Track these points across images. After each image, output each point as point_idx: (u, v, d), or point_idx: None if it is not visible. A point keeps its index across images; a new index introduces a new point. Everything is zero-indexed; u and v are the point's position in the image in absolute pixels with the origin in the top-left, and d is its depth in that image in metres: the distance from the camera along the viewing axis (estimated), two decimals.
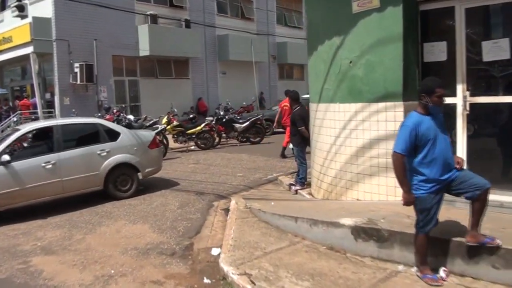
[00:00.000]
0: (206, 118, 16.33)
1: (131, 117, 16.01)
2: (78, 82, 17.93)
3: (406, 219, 4.81)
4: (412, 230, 4.30)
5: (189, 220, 7.04)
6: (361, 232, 4.94)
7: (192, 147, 15.10)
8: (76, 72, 17.88)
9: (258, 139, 16.33)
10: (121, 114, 15.29)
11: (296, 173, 8.62)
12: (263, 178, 9.97)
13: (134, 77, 20.81)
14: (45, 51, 17.77)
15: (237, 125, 15.88)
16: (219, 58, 24.68)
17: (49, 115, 17.92)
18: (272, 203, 7.13)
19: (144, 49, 19.90)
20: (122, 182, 8.63)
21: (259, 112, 19.18)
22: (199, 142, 15.07)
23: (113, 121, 15.11)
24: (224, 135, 16.17)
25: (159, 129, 13.21)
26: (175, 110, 17.26)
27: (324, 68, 6.94)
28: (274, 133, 18.86)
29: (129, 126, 13.87)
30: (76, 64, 17.89)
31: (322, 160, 7.19)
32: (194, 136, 14.94)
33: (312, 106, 7.69)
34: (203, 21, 22.99)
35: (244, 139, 16.24)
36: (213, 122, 15.58)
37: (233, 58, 24.40)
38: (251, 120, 16.11)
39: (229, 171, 10.92)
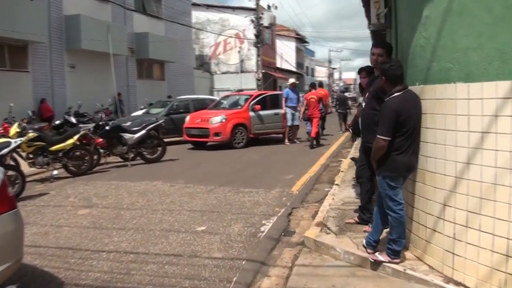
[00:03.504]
0: (82, 125, 10.52)
1: None
2: None
3: None
4: None
5: None
6: None
7: (55, 172, 9.24)
8: None
9: (157, 154, 11.18)
10: None
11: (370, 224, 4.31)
12: (261, 235, 5.24)
13: None
14: None
15: (127, 136, 10.50)
16: (67, 47, 18.29)
17: None
18: None
19: None
20: None
21: (158, 116, 13.77)
22: (69, 165, 9.34)
23: None
24: (102, 150, 10.58)
25: (11, 146, 7.31)
26: (29, 112, 11.01)
27: None
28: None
29: None
30: None
31: None
32: (61, 154, 9.19)
33: (468, 90, 3.37)
34: None
35: (134, 156, 10.94)
36: (91, 131, 9.97)
37: (85, 47, 18.33)
38: (147, 128, 10.89)
39: (171, 221, 5.87)
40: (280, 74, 42.73)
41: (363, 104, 4.84)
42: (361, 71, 6.24)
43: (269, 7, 30.92)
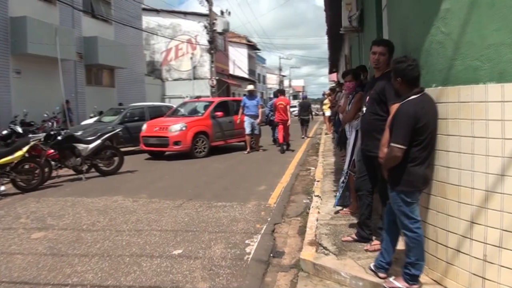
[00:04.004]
0: (31, 135, 9.47)
1: None
2: None
3: None
4: None
5: None
6: None
7: (3, 188, 8.28)
8: None
9: (113, 166, 10.34)
10: None
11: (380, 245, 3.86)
12: (248, 258, 4.64)
13: None
14: None
15: (81, 146, 9.60)
16: (12, 51, 16.93)
17: None
18: None
19: None
20: None
21: (112, 125, 12.83)
22: (18, 179, 8.39)
23: None
24: (53, 162, 9.60)
25: None
26: None
27: None
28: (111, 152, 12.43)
29: None
30: None
31: None
32: (8, 168, 8.23)
33: (502, 92, 2.98)
34: None
35: (88, 168, 10.05)
36: (41, 141, 9.03)
37: (32, 51, 17.06)
38: (103, 137, 10.05)
39: (141, 244, 5.17)
40: (233, 81, 42.29)
41: (364, 110, 4.35)
42: (346, 74, 5.83)
43: (222, 13, 30.39)
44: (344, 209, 5.73)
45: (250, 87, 14.44)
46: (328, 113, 19.36)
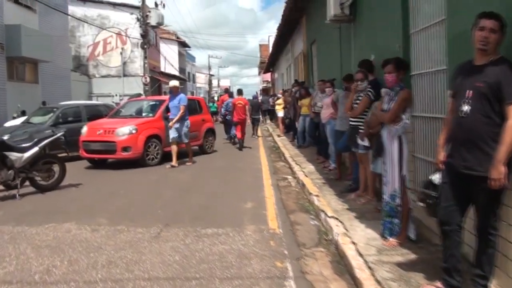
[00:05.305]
0: None
1: None
2: None
3: None
4: None
5: None
6: None
7: None
8: None
9: (54, 179, 8.43)
10: None
11: None
12: None
13: None
14: None
15: (13, 155, 7.65)
16: None
17: None
18: None
19: None
20: None
21: (49, 127, 10.84)
22: None
23: None
24: None
25: None
26: None
27: None
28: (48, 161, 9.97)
29: None
30: None
31: None
32: None
33: None
34: None
35: (21, 181, 8.07)
36: None
37: None
38: (41, 144, 8.14)
39: None
40: (166, 78, 40.09)
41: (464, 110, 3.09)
42: (386, 63, 4.61)
43: (156, 4, 28.32)
44: (390, 238, 4.50)
45: (173, 82, 11.61)
46: (281, 113, 18.29)
